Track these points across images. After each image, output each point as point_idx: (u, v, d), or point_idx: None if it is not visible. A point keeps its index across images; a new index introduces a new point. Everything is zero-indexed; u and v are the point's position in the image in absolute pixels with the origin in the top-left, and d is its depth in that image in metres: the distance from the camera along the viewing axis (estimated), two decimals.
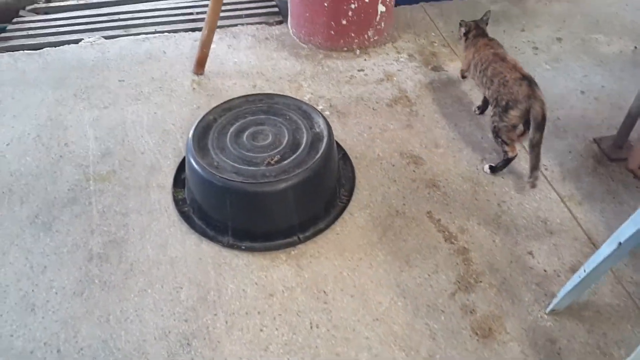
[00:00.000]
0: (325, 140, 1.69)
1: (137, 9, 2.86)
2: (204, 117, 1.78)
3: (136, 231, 1.68)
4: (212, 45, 2.45)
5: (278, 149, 1.68)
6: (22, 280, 1.53)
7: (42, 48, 2.50)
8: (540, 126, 1.65)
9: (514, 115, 1.71)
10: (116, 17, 2.78)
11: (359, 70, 2.35)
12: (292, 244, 1.64)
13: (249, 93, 1.99)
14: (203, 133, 1.73)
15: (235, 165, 1.62)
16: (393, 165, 1.89)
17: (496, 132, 1.80)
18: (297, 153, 1.66)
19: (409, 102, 2.17)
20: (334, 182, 1.76)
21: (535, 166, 1.70)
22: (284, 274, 1.55)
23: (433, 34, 2.60)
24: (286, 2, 2.62)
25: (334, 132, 1.95)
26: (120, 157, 1.93)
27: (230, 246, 1.64)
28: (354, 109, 2.15)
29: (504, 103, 1.73)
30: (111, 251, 1.63)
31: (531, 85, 1.69)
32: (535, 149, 1.68)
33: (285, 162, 1.63)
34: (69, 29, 2.66)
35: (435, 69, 2.35)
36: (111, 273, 1.55)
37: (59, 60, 2.41)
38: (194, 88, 2.25)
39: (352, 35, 2.38)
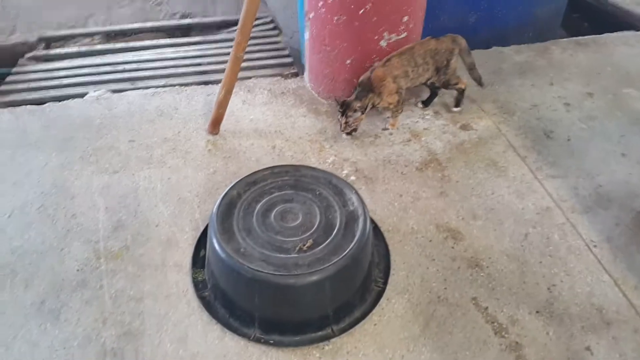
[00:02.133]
0: (361, 220, 1.56)
1: (142, 58, 2.75)
2: (227, 192, 1.64)
3: (153, 321, 1.52)
4: None
5: (310, 232, 1.53)
6: None
7: (44, 102, 2.35)
8: (468, 50, 2.20)
9: (454, 61, 2.17)
10: (121, 67, 2.66)
11: (383, 129, 2.22)
12: (326, 338, 1.49)
13: (272, 164, 1.85)
14: (227, 211, 1.59)
15: (264, 252, 1.48)
16: (430, 241, 1.75)
17: (447, 83, 2.21)
18: (332, 237, 1.52)
19: (440, 165, 2.04)
20: (369, 264, 1.61)
21: (480, 82, 2.30)
22: None
23: None
24: (298, 51, 2.52)
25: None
26: (133, 231, 1.78)
27: (257, 340, 1.48)
28: (381, 174, 2.02)
29: (444, 62, 2.14)
30: (126, 346, 1.47)
31: (446, 36, 2.15)
32: (473, 70, 2.26)
33: (319, 247, 1.49)
34: (73, 81, 2.54)
35: (464, 127, 2.23)
36: None
37: (63, 117, 2.26)
38: (209, 149, 2.11)
39: None
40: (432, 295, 1.59)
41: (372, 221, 1.81)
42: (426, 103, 2.34)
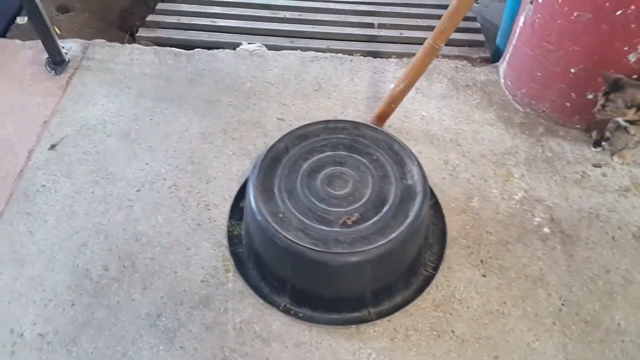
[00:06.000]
0: (418, 199, 1.32)
1: (303, 5, 2.33)
2: (274, 145, 1.43)
3: None
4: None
5: (358, 204, 1.32)
6: None
7: (193, 47, 2.06)
8: None
9: None
10: (282, 14, 2.27)
11: (594, 166, 1.70)
12: (361, 320, 1.34)
13: (442, 183, 1.48)
14: (271, 166, 1.39)
15: (304, 220, 1.29)
16: None
17: None
18: (381, 213, 1.30)
19: None
20: (420, 247, 1.38)
21: None
22: None
23: None
24: (495, 28, 1.99)
25: (553, 265, 1.45)
26: None
27: (287, 311, 1.35)
28: (585, 234, 1.53)
29: None
30: None
31: None
32: None
33: (365, 224, 1.28)
34: (226, 24, 2.21)
35: None
36: None
37: (211, 71, 1.96)
38: None
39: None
40: None
41: (432, 194, 1.54)
42: None
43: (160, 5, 2.29)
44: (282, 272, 1.35)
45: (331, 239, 1.25)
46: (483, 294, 1.41)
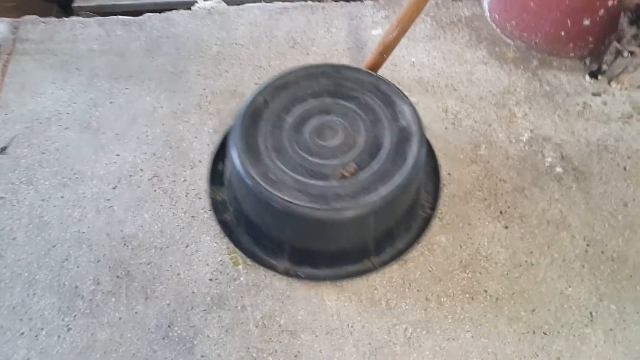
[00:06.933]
0: (414, 140, 1.23)
1: None
2: (252, 99, 1.28)
3: None
4: (375, 31, 1.75)
5: (353, 153, 1.22)
6: None
7: (141, 13, 1.81)
8: None
9: None
10: None
11: (594, 95, 1.63)
12: (364, 272, 1.28)
13: (446, 134, 1.47)
14: (252, 124, 1.25)
15: (299, 178, 1.17)
16: None
17: None
18: (379, 160, 1.20)
19: None
20: (417, 189, 1.33)
21: None
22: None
23: None
24: None
25: (572, 205, 1.40)
26: None
27: (286, 273, 1.28)
28: (597, 168, 1.48)
29: None
30: None
31: None
32: None
33: (364, 174, 1.18)
34: None
35: None
36: None
37: (169, 38, 1.73)
38: None
39: (589, 39, 1.63)
40: None
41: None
42: None
43: None
44: (278, 235, 1.27)
45: (331, 194, 1.15)
46: (508, 247, 1.34)
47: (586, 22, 1.57)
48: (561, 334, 1.22)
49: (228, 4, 1.84)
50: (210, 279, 1.28)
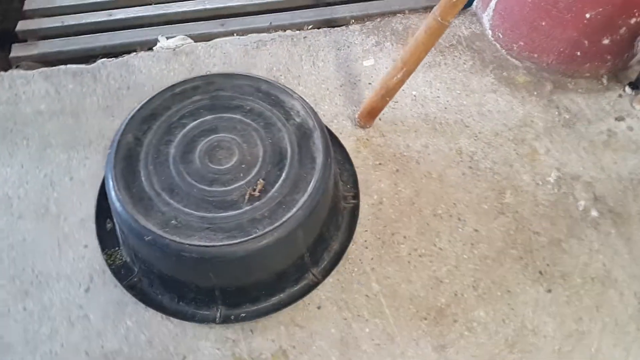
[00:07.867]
0: (316, 135, 1.12)
1: None
2: (119, 140, 1.09)
3: None
4: (367, 62, 1.55)
5: (256, 168, 1.08)
6: None
7: (93, 59, 1.54)
8: None
9: None
10: None
11: (617, 120, 1.48)
12: (309, 289, 1.16)
13: (463, 181, 1.30)
14: (128, 168, 1.07)
15: (205, 215, 1.02)
16: None
17: None
18: (286, 167, 1.08)
19: None
20: (335, 182, 1.22)
21: None
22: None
23: None
24: None
25: (614, 256, 1.25)
26: None
27: (225, 320, 1.11)
28: (634, 206, 1.34)
29: None
30: None
31: None
32: None
33: (275, 187, 1.06)
34: (126, 15, 1.67)
35: None
36: None
37: (129, 90, 1.47)
38: (362, 155, 1.39)
39: (607, 57, 1.48)
40: None
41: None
42: None
43: (28, 3, 1.68)
44: (204, 283, 1.10)
45: (246, 221, 1.01)
46: (555, 315, 1.18)
47: (606, 41, 1.41)
48: None
49: (195, 40, 1.59)
50: None
